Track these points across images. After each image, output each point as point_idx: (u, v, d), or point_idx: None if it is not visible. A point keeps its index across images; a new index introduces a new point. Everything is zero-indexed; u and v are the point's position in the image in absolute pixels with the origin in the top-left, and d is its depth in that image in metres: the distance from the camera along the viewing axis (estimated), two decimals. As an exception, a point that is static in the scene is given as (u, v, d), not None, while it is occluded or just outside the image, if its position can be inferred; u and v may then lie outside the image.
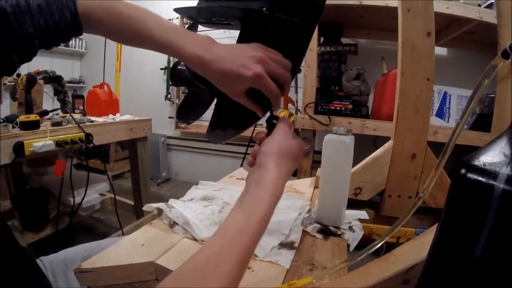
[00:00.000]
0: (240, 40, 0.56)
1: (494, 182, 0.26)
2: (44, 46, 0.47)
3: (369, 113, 2.04)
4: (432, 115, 1.77)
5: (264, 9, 0.52)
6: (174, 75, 0.61)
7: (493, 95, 0.56)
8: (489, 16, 1.62)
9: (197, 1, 0.62)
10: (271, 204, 0.41)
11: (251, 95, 0.50)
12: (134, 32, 0.48)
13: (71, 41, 4.08)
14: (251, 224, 0.38)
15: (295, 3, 0.50)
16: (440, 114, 1.81)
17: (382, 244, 0.54)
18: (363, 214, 0.82)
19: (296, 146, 0.49)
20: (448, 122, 1.80)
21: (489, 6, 1.71)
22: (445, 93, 1.80)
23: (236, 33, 0.59)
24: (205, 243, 0.37)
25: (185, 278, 0.33)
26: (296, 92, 2.50)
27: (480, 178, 0.27)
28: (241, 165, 1.43)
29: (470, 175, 0.28)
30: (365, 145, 1.94)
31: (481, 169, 0.27)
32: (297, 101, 2.44)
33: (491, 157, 0.28)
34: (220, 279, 0.33)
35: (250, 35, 0.56)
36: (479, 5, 1.72)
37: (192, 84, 0.56)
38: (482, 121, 1.66)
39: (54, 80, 1.88)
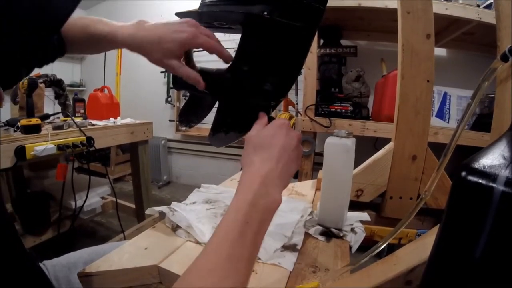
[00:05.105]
0: (242, 43, 0.57)
1: (493, 185, 0.26)
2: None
3: (370, 115, 2.04)
4: (432, 116, 1.77)
5: (265, 13, 0.52)
6: (176, 79, 0.62)
7: (493, 95, 0.56)
8: (488, 17, 1.62)
9: (198, 6, 0.63)
10: (242, 207, 0.40)
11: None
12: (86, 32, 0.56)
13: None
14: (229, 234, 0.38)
15: (296, 7, 0.51)
16: (440, 114, 1.82)
17: (384, 246, 0.54)
18: (365, 216, 0.82)
19: (261, 135, 0.48)
20: (448, 122, 1.80)
21: (488, 6, 1.71)
22: (445, 94, 1.81)
23: (236, 36, 0.59)
24: (192, 265, 0.36)
25: None
26: (297, 94, 2.51)
27: (479, 181, 0.27)
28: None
29: (470, 177, 0.28)
30: (365, 146, 1.94)
31: (481, 171, 0.28)
32: (297, 104, 2.45)
33: (490, 160, 0.28)
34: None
35: (251, 39, 0.56)
36: (478, 6, 1.72)
37: (194, 88, 0.57)
38: (483, 121, 1.66)
39: (55, 83, 1.88)
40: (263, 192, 0.41)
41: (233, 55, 0.57)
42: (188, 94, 0.61)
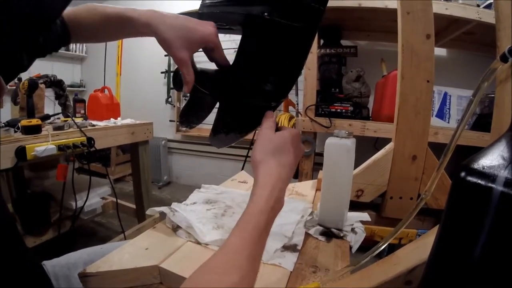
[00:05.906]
0: (242, 44, 0.57)
1: (492, 185, 0.26)
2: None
3: (370, 115, 2.04)
4: (432, 116, 1.77)
5: (265, 14, 0.52)
6: (176, 80, 0.62)
7: (493, 95, 0.56)
8: (488, 17, 1.62)
9: (199, 6, 0.63)
10: (266, 210, 0.41)
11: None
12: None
13: (71, 45, 4.10)
14: (247, 241, 0.38)
15: (296, 8, 0.51)
16: (441, 114, 1.82)
17: (384, 246, 0.54)
18: (365, 216, 0.82)
19: (279, 138, 0.49)
20: (448, 122, 1.80)
21: (488, 6, 1.71)
22: (445, 94, 1.81)
23: (237, 36, 0.59)
24: (206, 261, 0.36)
25: None
26: (297, 94, 2.51)
27: (479, 181, 0.27)
28: (242, 168, 1.43)
29: (469, 178, 0.28)
30: (366, 146, 1.94)
31: (480, 172, 0.28)
32: (297, 104, 2.45)
33: (489, 160, 0.28)
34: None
35: (251, 40, 0.56)
36: (478, 6, 1.72)
37: (194, 89, 0.57)
38: (483, 121, 1.66)
39: (55, 84, 1.88)
40: (279, 196, 0.44)
41: (234, 55, 0.57)
42: (188, 94, 0.61)
